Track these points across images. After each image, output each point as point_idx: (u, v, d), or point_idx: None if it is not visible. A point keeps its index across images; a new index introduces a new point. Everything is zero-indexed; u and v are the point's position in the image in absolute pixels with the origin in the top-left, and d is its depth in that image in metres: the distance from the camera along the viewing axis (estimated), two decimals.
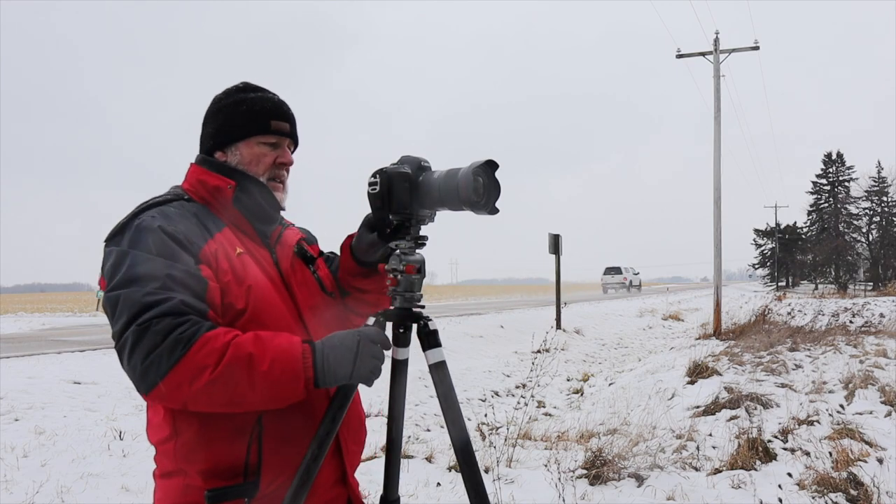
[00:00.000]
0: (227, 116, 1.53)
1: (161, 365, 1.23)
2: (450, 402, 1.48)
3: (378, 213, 1.52)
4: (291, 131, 1.58)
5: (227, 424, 1.36)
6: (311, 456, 1.39)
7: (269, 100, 1.55)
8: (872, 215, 59.24)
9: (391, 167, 1.50)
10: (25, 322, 19.05)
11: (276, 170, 1.55)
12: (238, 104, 1.53)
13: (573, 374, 10.90)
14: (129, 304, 1.28)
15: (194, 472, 1.37)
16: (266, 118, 1.52)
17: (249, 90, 1.56)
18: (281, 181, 1.57)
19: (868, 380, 7.15)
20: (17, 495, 3.97)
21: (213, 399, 1.27)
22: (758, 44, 17.43)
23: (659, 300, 31.82)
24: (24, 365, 8.22)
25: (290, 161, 1.58)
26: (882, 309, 18.55)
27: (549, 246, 17.34)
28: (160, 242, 1.35)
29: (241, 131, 1.52)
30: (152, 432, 1.45)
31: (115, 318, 1.29)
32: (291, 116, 1.58)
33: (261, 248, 1.54)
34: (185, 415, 1.36)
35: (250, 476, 1.38)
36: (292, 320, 1.49)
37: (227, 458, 1.37)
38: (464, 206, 1.42)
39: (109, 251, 1.38)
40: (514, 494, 4.09)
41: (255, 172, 1.52)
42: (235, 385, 1.26)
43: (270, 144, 1.54)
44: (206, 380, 1.24)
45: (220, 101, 1.56)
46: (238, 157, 1.52)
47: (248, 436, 1.38)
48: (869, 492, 3.88)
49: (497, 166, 1.45)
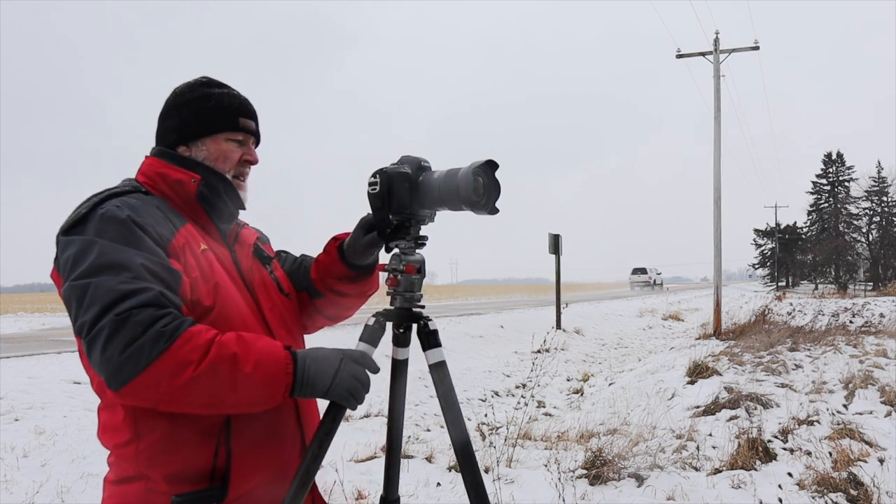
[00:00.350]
0: (194, 111, 1.48)
1: (141, 358, 1.17)
2: (450, 402, 1.48)
3: (378, 213, 1.51)
4: (256, 129, 1.55)
5: (194, 427, 1.31)
6: (312, 456, 1.39)
7: (236, 97, 1.52)
8: (872, 215, 59.24)
9: (391, 167, 1.50)
10: (25, 322, 19.06)
11: (241, 167, 1.53)
12: (205, 99, 1.48)
13: (573, 374, 10.90)
14: (104, 291, 1.20)
15: (159, 477, 1.30)
16: (235, 115, 1.50)
17: (214, 85, 1.52)
18: (244, 179, 1.55)
19: (868, 380, 7.15)
20: (17, 495, 3.97)
21: (191, 398, 1.21)
22: (758, 44, 17.43)
23: (659, 300, 31.82)
24: (24, 365, 8.21)
25: (256, 159, 1.55)
26: (882, 309, 18.54)
27: (549, 246, 17.34)
28: (130, 233, 1.28)
29: (209, 127, 1.48)
30: (108, 436, 1.36)
31: (85, 306, 1.21)
32: (257, 115, 1.56)
33: (221, 246, 1.50)
34: (149, 417, 1.29)
35: (217, 480, 1.34)
36: (255, 321, 1.45)
37: (194, 461, 1.32)
38: (464, 206, 1.42)
39: (70, 240, 1.29)
40: (514, 494, 4.09)
41: (221, 169, 1.49)
42: (218, 384, 1.21)
43: (237, 141, 1.51)
44: (188, 376, 1.19)
45: (183, 94, 1.50)
46: (204, 152, 1.48)
47: (216, 438, 1.33)
48: (869, 492, 3.88)
49: (497, 166, 1.45)
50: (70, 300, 1.25)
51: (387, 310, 1.56)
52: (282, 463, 1.43)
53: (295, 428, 1.47)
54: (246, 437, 1.36)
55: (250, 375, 1.23)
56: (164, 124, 1.51)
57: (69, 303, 1.26)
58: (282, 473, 1.42)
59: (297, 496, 1.36)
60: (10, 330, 15.76)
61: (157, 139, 1.52)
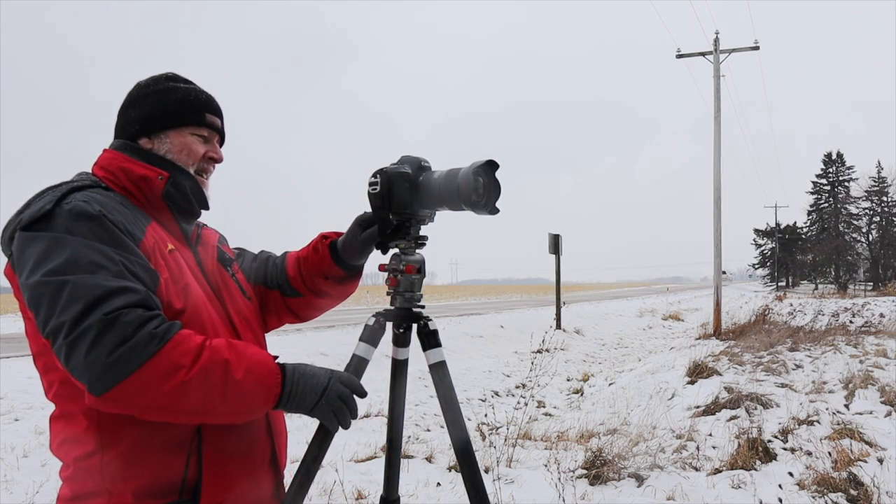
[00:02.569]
0: (158, 102, 1.42)
1: (131, 361, 1.10)
2: (450, 402, 1.48)
3: (378, 212, 1.51)
4: (221, 128, 1.51)
5: (164, 436, 1.24)
6: (311, 456, 1.39)
7: (202, 92, 1.48)
8: (872, 215, 59.25)
9: (391, 167, 1.50)
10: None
11: (204, 163, 1.46)
12: (170, 92, 1.43)
13: (573, 374, 10.90)
14: (86, 289, 1.12)
15: (125, 491, 1.22)
16: (201, 110, 1.45)
17: (179, 80, 1.47)
18: (206, 176, 1.49)
19: (868, 380, 7.15)
20: (17, 495, 3.97)
21: (181, 404, 1.15)
22: (758, 44, 17.43)
23: (659, 300, 31.82)
24: (24, 365, 8.21)
25: (220, 157, 1.50)
26: (882, 309, 18.54)
27: (549, 246, 17.34)
28: (104, 230, 1.21)
29: (174, 119, 1.42)
30: (66, 448, 1.26)
31: (63, 305, 1.12)
32: (222, 113, 1.52)
33: (184, 246, 1.43)
34: (116, 426, 1.21)
35: (187, 493, 1.26)
36: (222, 324, 1.40)
37: (163, 474, 1.24)
38: (464, 206, 1.42)
39: (34, 236, 1.19)
40: (514, 494, 4.08)
41: (183, 163, 1.42)
42: (208, 390, 1.16)
43: (202, 137, 1.46)
44: (179, 381, 1.13)
45: (147, 86, 1.44)
46: (167, 145, 1.41)
47: (187, 449, 1.26)
48: (869, 492, 3.88)
49: (497, 166, 1.45)
50: (39, 298, 1.15)
51: (387, 310, 1.56)
52: (253, 474, 1.38)
53: (266, 440, 1.43)
54: (217, 447, 1.30)
55: (240, 382, 1.19)
56: (126, 115, 1.43)
57: (37, 301, 1.15)
58: (253, 485, 1.38)
59: (297, 496, 1.36)
60: (10, 330, 15.75)
61: (117, 131, 1.44)
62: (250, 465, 1.37)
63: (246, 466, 1.36)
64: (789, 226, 66.26)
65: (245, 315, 1.50)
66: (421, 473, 4.56)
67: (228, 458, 1.32)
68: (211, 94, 1.50)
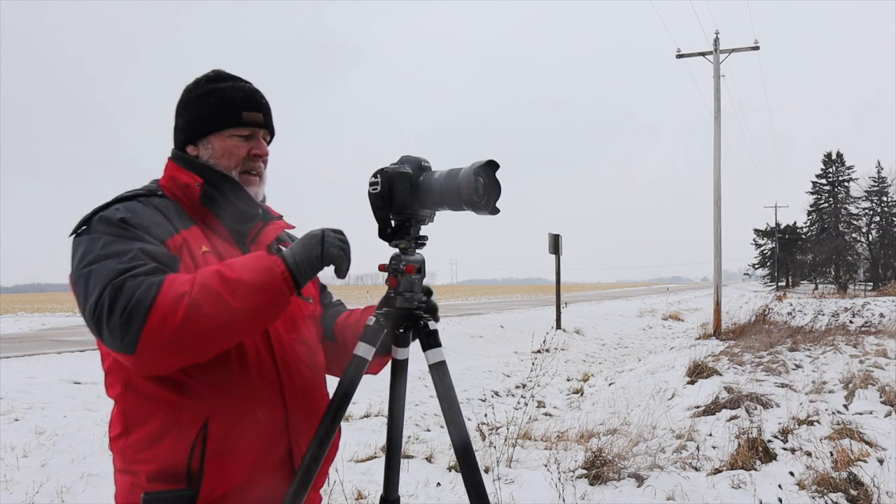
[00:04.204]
0: (198, 108, 1.47)
1: (140, 311, 1.19)
2: (450, 402, 1.48)
3: (379, 212, 1.51)
4: (266, 121, 1.52)
5: (175, 423, 1.32)
6: (311, 456, 1.38)
7: (240, 89, 1.49)
8: (872, 215, 59.26)
9: (392, 167, 1.50)
10: (25, 322, 19.04)
11: (249, 162, 1.49)
12: (208, 95, 1.47)
13: (573, 374, 10.90)
14: (104, 272, 1.24)
15: (141, 472, 1.33)
16: (238, 109, 1.47)
17: (221, 79, 1.50)
18: (257, 173, 1.51)
19: (868, 380, 7.15)
20: (17, 495, 3.97)
21: (201, 323, 1.21)
22: (758, 44, 17.44)
23: (659, 300, 31.83)
24: (24, 365, 8.22)
25: (264, 152, 1.52)
26: (882, 309, 18.55)
27: (549, 246, 17.34)
28: (125, 230, 1.32)
29: (212, 124, 1.46)
30: (110, 428, 1.42)
31: (89, 290, 1.24)
32: (265, 106, 1.52)
33: (232, 247, 1.47)
34: (137, 412, 1.34)
35: (193, 483, 1.31)
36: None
37: (171, 461, 1.31)
38: (465, 206, 1.42)
39: (77, 241, 1.34)
40: (514, 494, 4.08)
41: (226, 167, 1.47)
42: (216, 297, 1.22)
43: (243, 136, 1.48)
44: (186, 303, 1.20)
45: (190, 91, 1.49)
46: (210, 150, 1.47)
47: (193, 439, 1.32)
48: (869, 492, 3.88)
49: (498, 166, 1.45)
50: (75, 290, 1.29)
51: (387, 310, 1.55)
52: (261, 471, 1.39)
53: (282, 437, 1.43)
54: (221, 441, 1.33)
55: (239, 277, 1.25)
56: (175, 124, 1.51)
57: (75, 293, 1.29)
58: (261, 481, 1.39)
59: (297, 496, 1.36)
60: (10, 330, 15.76)
61: (173, 139, 1.52)
62: (258, 462, 1.38)
63: (252, 462, 1.37)
64: (789, 226, 66.24)
65: (290, 311, 1.48)
66: (421, 473, 4.56)
67: (232, 453, 1.34)
68: (253, 86, 1.52)
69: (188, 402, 1.32)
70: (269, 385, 1.41)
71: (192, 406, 1.32)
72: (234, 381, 1.36)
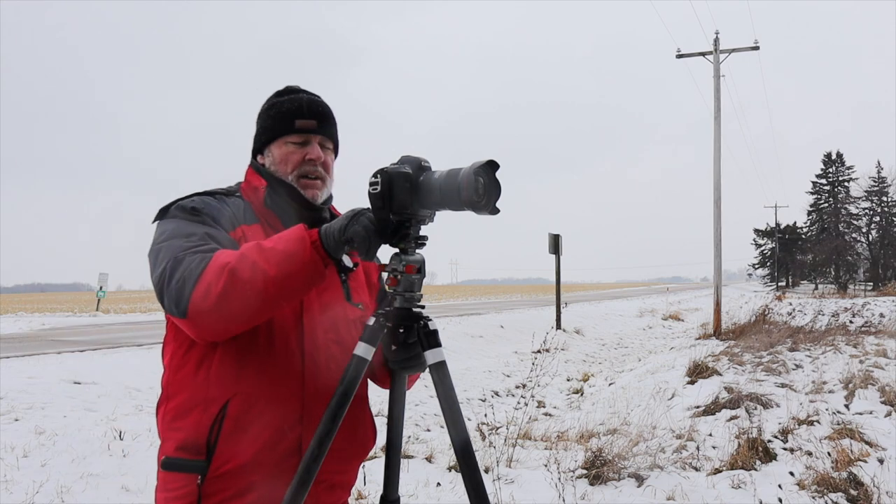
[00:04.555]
0: (262, 121, 1.64)
1: (191, 278, 1.34)
2: (450, 402, 1.48)
3: (379, 212, 1.51)
4: (320, 127, 1.62)
5: (202, 399, 1.44)
6: (311, 456, 1.38)
7: (296, 100, 1.62)
8: (872, 215, 59.28)
9: (392, 167, 1.50)
10: (25, 322, 19.04)
11: (305, 167, 1.60)
12: (270, 108, 1.63)
13: (573, 374, 10.91)
14: (171, 248, 1.41)
15: (171, 440, 1.46)
16: (291, 118, 1.60)
17: (285, 94, 1.64)
18: (316, 177, 1.61)
19: (868, 380, 7.15)
20: (17, 495, 3.97)
21: (241, 289, 1.32)
22: (758, 44, 17.45)
23: (659, 300, 31.84)
24: (24, 365, 8.22)
25: (317, 156, 1.60)
26: (882, 309, 18.57)
27: (549, 246, 17.35)
28: (195, 216, 1.49)
29: (270, 134, 1.62)
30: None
31: (157, 263, 1.41)
32: (320, 113, 1.63)
33: None
34: (174, 384, 1.48)
35: (207, 456, 1.43)
36: (291, 314, 1.52)
37: (194, 434, 1.43)
38: (465, 206, 1.42)
39: (157, 224, 1.52)
40: (514, 494, 4.09)
41: (284, 172, 1.60)
42: (253, 265, 1.33)
43: (298, 143, 1.60)
44: (228, 271, 1.33)
45: (261, 107, 1.67)
46: (271, 158, 1.62)
47: (215, 417, 1.43)
48: (869, 492, 3.88)
49: (498, 166, 1.45)
50: (150, 263, 1.45)
51: (387, 310, 1.55)
52: (267, 457, 1.45)
53: (294, 426, 1.48)
54: (237, 420, 1.43)
55: (274, 246, 1.35)
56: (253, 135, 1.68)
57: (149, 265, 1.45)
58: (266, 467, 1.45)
59: (298, 496, 1.36)
60: (10, 330, 15.76)
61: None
62: (265, 446, 1.45)
63: (259, 446, 1.44)
64: (789, 226, 66.25)
65: (331, 313, 1.56)
66: (421, 473, 4.56)
67: (243, 434, 1.43)
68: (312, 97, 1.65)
69: (215, 381, 1.44)
70: (293, 378, 1.49)
71: (217, 385, 1.44)
72: (259, 369, 1.46)
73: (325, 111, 1.64)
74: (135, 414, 6.00)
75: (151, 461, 1.51)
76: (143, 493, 4.17)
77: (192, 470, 1.42)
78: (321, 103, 1.65)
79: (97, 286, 25.87)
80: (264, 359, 1.47)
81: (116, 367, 8.24)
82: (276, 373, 1.47)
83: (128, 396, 6.72)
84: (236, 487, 1.43)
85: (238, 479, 1.43)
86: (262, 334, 1.46)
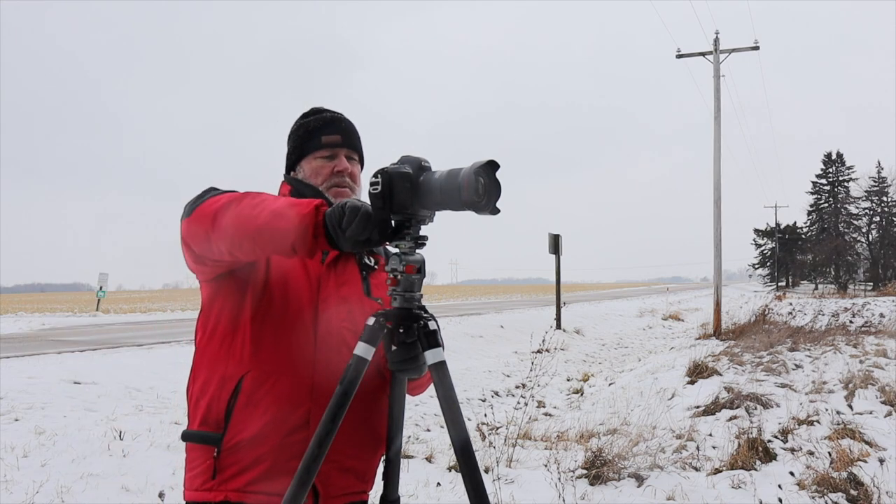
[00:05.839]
0: (293, 141, 1.78)
1: (202, 197, 1.52)
2: (450, 402, 1.48)
3: (379, 212, 1.51)
4: (345, 141, 1.75)
5: (221, 376, 1.55)
6: (311, 456, 1.38)
7: (321, 119, 1.76)
8: (872, 215, 59.30)
9: (392, 167, 1.50)
10: (25, 322, 19.03)
11: (335, 178, 1.72)
12: (298, 129, 1.77)
13: (573, 374, 10.91)
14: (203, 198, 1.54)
15: (197, 416, 1.57)
16: (318, 135, 1.74)
17: (310, 114, 1.78)
18: (345, 186, 1.73)
19: (868, 380, 7.15)
20: (17, 495, 3.97)
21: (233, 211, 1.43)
22: (758, 44, 17.45)
23: (659, 300, 31.85)
24: (24, 365, 8.22)
25: (344, 167, 1.73)
26: (882, 309, 18.57)
27: (549, 246, 17.35)
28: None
29: (300, 151, 1.75)
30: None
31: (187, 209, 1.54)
32: (344, 129, 1.76)
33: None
34: (200, 367, 1.60)
35: (222, 429, 1.53)
36: (308, 300, 1.60)
37: (214, 408, 1.55)
38: (465, 206, 1.42)
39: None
40: (514, 494, 4.09)
41: (316, 185, 1.72)
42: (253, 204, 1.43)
43: (326, 157, 1.73)
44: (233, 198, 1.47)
45: (290, 129, 1.80)
46: (303, 173, 1.75)
47: (231, 392, 1.54)
48: (869, 492, 3.89)
49: (498, 167, 1.45)
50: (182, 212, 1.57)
51: (387, 310, 1.56)
52: (275, 428, 1.52)
53: (304, 401, 1.55)
54: (250, 396, 1.53)
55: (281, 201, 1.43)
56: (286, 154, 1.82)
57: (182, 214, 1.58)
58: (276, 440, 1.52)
59: (297, 496, 1.36)
60: (10, 330, 15.76)
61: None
62: (272, 420, 1.52)
63: (267, 419, 1.52)
64: (789, 226, 66.24)
65: (349, 305, 1.63)
66: (421, 473, 4.56)
67: (254, 408, 1.53)
68: (336, 115, 1.79)
69: (234, 359, 1.55)
70: (305, 358, 1.57)
71: (236, 363, 1.55)
72: (274, 348, 1.56)
73: (348, 126, 1.78)
74: (135, 414, 6.00)
75: (151, 461, 1.52)
76: (143, 493, 4.17)
77: (209, 442, 1.53)
78: (344, 119, 1.78)
79: (97, 286, 25.87)
80: (280, 339, 1.57)
81: (116, 367, 8.24)
82: (290, 352, 1.57)
83: (128, 396, 6.72)
84: (246, 460, 1.51)
85: (247, 451, 1.51)
86: (279, 316, 1.57)
